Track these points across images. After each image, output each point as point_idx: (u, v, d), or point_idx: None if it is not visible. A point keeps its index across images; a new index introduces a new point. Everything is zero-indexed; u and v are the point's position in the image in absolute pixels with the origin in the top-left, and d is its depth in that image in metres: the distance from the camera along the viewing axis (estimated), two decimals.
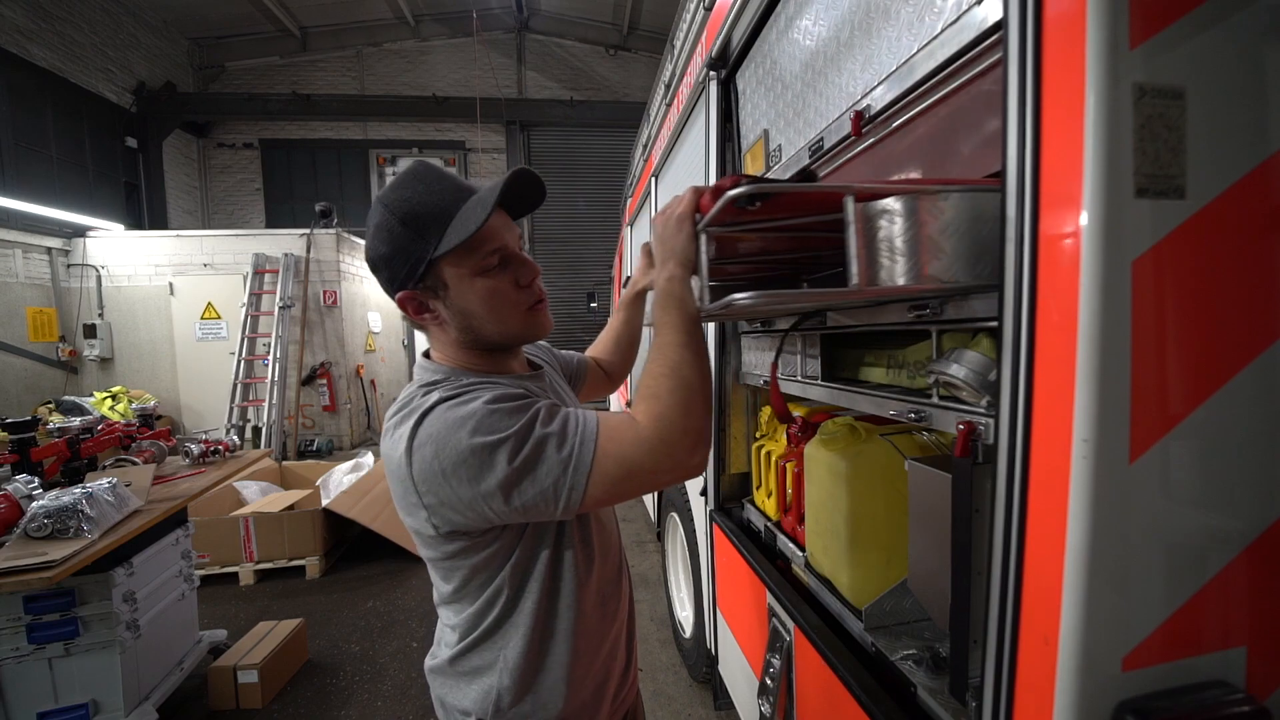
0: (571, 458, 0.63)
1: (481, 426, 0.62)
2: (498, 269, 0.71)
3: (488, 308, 0.71)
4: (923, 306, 0.86)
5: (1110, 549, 0.53)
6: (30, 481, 1.75)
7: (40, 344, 5.88)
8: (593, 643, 0.81)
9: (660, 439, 0.64)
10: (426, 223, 0.68)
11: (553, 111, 8.82)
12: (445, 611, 0.80)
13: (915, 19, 0.87)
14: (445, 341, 0.76)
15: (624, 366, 1.22)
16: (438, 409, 0.65)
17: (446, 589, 0.76)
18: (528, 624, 0.74)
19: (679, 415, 0.66)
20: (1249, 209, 0.56)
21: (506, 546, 0.72)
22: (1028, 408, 0.59)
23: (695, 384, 0.68)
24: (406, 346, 9.20)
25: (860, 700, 0.91)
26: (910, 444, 1.03)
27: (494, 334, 0.74)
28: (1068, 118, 0.54)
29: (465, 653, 0.77)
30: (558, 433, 0.64)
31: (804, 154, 1.25)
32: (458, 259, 0.69)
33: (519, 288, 0.73)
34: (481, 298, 0.71)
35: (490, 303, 0.71)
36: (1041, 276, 0.57)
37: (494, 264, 0.71)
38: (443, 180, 0.70)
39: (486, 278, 0.71)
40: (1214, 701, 0.55)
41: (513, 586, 0.74)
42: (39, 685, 1.75)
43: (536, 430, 0.63)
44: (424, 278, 0.70)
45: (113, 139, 7.00)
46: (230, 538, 3.22)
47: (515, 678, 0.74)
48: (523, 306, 0.74)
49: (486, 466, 0.61)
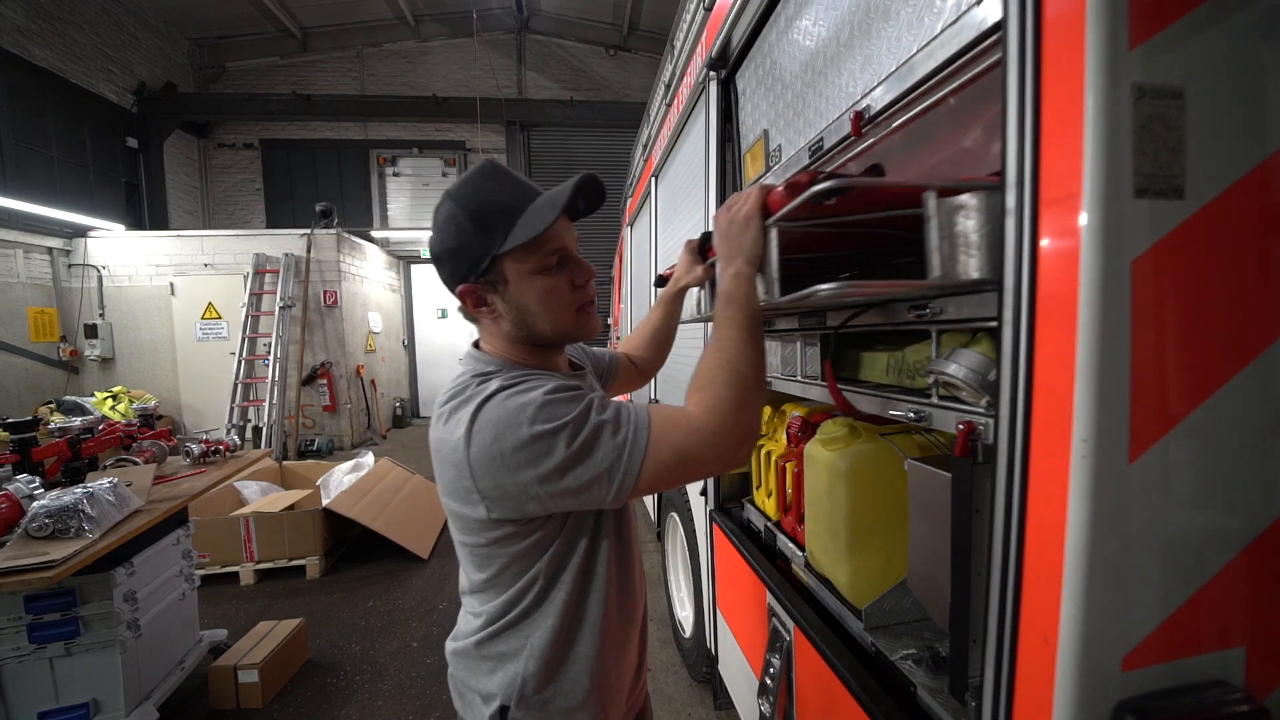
0: (626, 444, 0.65)
1: (541, 414, 0.64)
2: (556, 268, 0.74)
3: (544, 305, 0.74)
4: (923, 306, 0.86)
5: (1110, 549, 0.54)
6: (31, 481, 1.75)
7: (41, 344, 5.88)
8: (616, 638, 0.82)
9: (712, 429, 0.66)
10: (494, 220, 0.70)
11: (553, 111, 8.82)
12: (473, 599, 0.81)
13: (915, 19, 0.87)
14: (497, 335, 0.79)
15: (657, 362, 1.23)
16: (498, 396, 0.67)
17: (479, 576, 0.77)
18: (558, 613, 0.76)
19: (731, 408, 0.68)
20: (1248, 209, 0.56)
21: (548, 536, 0.74)
22: (1027, 408, 0.59)
23: (751, 380, 0.70)
24: (406, 346, 9.20)
25: (860, 700, 0.91)
26: (910, 444, 1.03)
27: (546, 331, 0.76)
28: (1067, 118, 0.54)
29: (491, 638, 0.77)
30: (612, 420, 0.66)
31: (804, 154, 1.25)
32: (520, 256, 0.72)
33: (574, 288, 0.76)
34: (539, 295, 0.73)
35: (546, 300, 0.74)
36: (1041, 276, 0.57)
37: (553, 263, 0.73)
38: (511, 179, 0.73)
39: (545, 276, 0.73)
40: (1213, 701, 0.55)
41: (547, 576, 0.75)
42: (40, 685, 1.75)
43: (592, 418, 0.65)
44: (486, 272, 0.72)
45: (113, 139, 7.00)
46: (230, 538, 3.22)
47: (541, 665, 0.76)
48: (575, 306, 0.77)
49: (545, 452, 0.63)
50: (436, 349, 9.35)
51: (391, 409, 8.32)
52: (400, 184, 9.19)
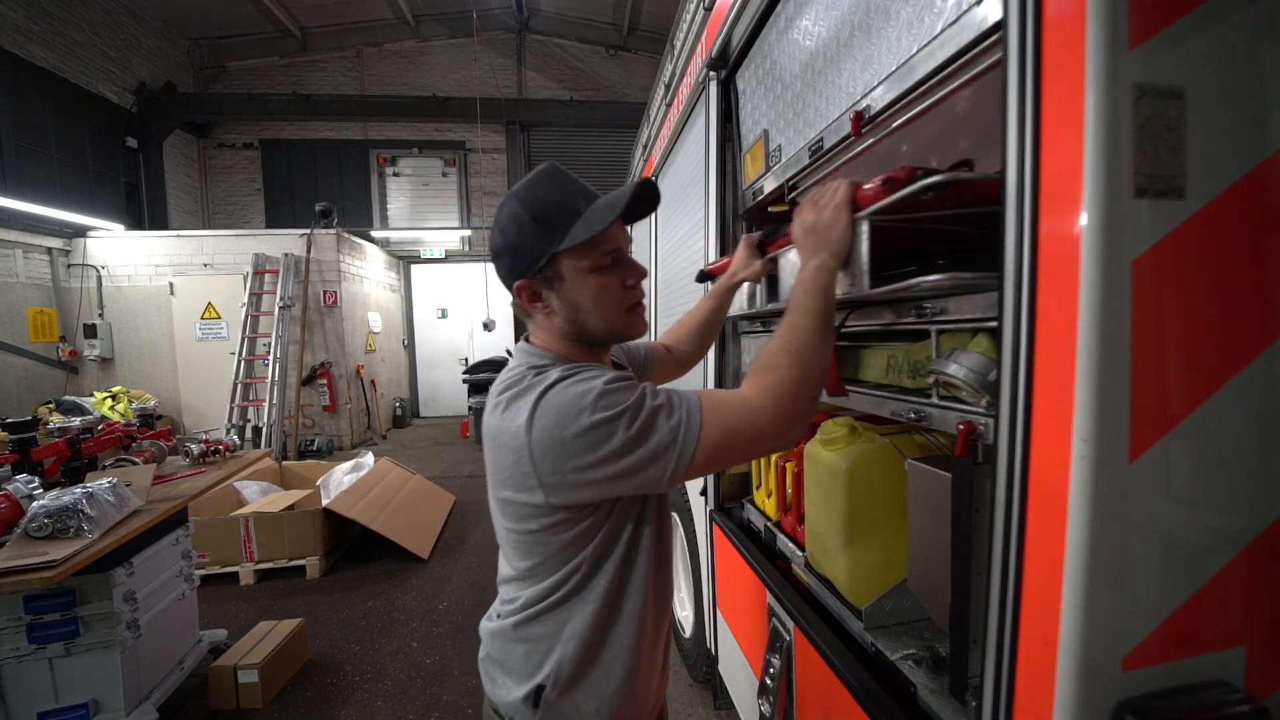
0: (680, 426, 0.67)
1: (600, 402, 0.67)
2: (610, 268, 0.77)
3: (596, 302, 0.77)
4: (923, 306, 0.86)
5: (1110, 549, 0.54)
6: (31, 481, 1.75)
7: (41, 344, 5.88)
8: (651, 631, 0.83)
9: (769, 410, 0.69)
10: (554, 219, 0.74)
11: (553, 111, 8.82)
12: (511, 586, 0.82)
13: (915, 19, 0.87)
14: (549, 330, 0.81)
15: (697, 354, 1.23)
16: (559, 385, 0.70)
17: (524, 564, 0.78)
18: (598, 600, 0.77)
19: (791, 391, 0.70)
20: (1248, 209, 0.56)
21: (596, 524, 0.76)
22: (1027, 408, 0.59)
23: (814, 368, 0.73)
24: (406, 346, 9.20)
25: (860, 700, 0.91)
26: (910, 444, 1.03)
27: (597, 328, 0.79)
28: (1068, 118, 0.54)
29: (529, 620, 0.79)
30: (665, 404, 0.69)
31: (804, 154, 1.25)
32: (577, 255, 0.75)
33: (625, 288, 0.79)
34: (592, 292, 0.76)
35: (599, 298, 0.77)
36: (1041, 276, 0.57)
37: (607, 263, 0.77)
38: (572, 182, 0.77)
39: (599, 275, 0.76)
40: (1213, 701, 0.55)
41: (590, 563, 0.77)
42: (39, 685, 1.75)
43: (648, 403, 0.68)
44: (543, 269, 0.76)
45: (113, 139, 7.00)
46: (230, 538, 3.22)
47: (578, 649, 0.77)
48: (625, 305, 0.79)
49: (605, 438, 0.66)
50: (436, 349, 9.35)
51: (391, 409, 8.32)
52: (400, 184, 9.19)
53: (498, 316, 8.96)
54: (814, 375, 0.72)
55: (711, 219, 1.74)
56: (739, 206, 1.71)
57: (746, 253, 1.19)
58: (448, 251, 9.05)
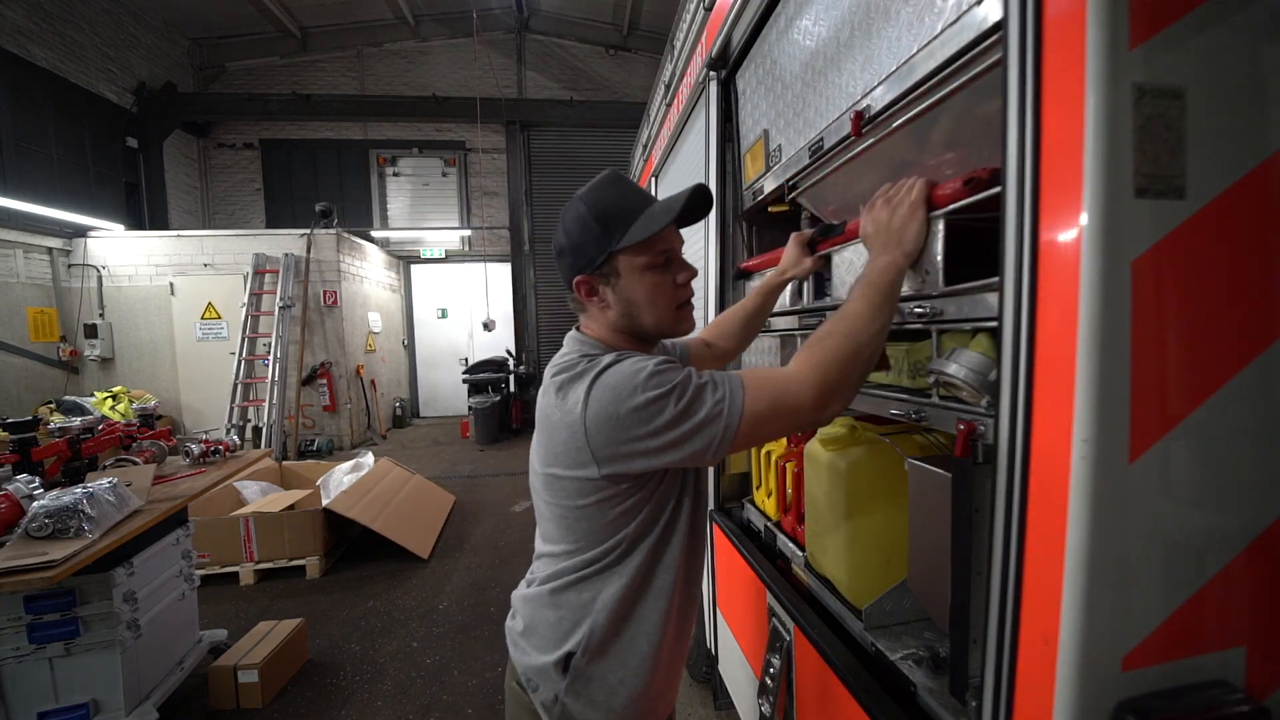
0: (725, 399, 0.72)
1: (651, 381, 0.72)
2: (663, 267, 0.82)
3: (649, 299, 0.82)
4: (923, 306, 0.86)
5: (1110, 549, 0.54)
6: (31, 481, 1.75)
7: (41, 344, 5.87)
8: (679, 612, 0.87)
9: (812, 380, 0.72)
10: (615, 220, 0.79)
11: (553, 111, 8.81)
12: (548, 560, 0.87)
13: (915, 19, 0.87)
14: (603, 323, 0.87)
15: (737, 349, 1.25)
16: (613, 368, 0.75)
17: (565, 539, 0.83)
18: (632, 573, 0.82)
19: (836, 369, 0.72)
20: (1249, 209, 0.56)
21: (640, 502, 0.80)
22: (1028, 408, 0.59)
23: (864, 354, 0.74)
24: (406, 346, 9.20)
25: (860, 700, 0.91)
26: (910, 444, 1.03)
27: (649, 323, 0.84)
28: (1068, 118, 0.54)
29: (565, 588, 0.83)
30: (710, 382, 0.73)
31: (804, 154, 1.25)
32: (634, 253, 0.80)
33: (677, 286, 0.83)
34: (647, 289, 0.82)
35: (653, 294, 0.82)
36: (1041, 276, 0.57)
37: (661, 262, 0.82)
38: (631, 186, 0.83)
39: (654, 272, 0.81)
40: (1213, 701, 0.55)
41: (630, 541, 0.81)
42: (39, 685, 1.75)
43: (694, 381, 0.73)
44: (601, 266, 0.81)
45: (113, 139, 6.99)
46: (230, 538, 3.22)
47: (609, 618, 0.81)
48: (676, 302, 0.84)
49: (657, 413, 0.71)
50: (436, 349, 9.35)
51: (391, 409, 8.32)
52: (400, 184, 9.19)
53: (497, 316, 8.96)
54: (863, 357, 0.74)
55: (712, 219, 1.74)
56: (739, 206, 1.71)
57: (796, 250, 1.20)
58: (448, 251, 9.05)
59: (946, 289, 0.82)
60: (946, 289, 0.82)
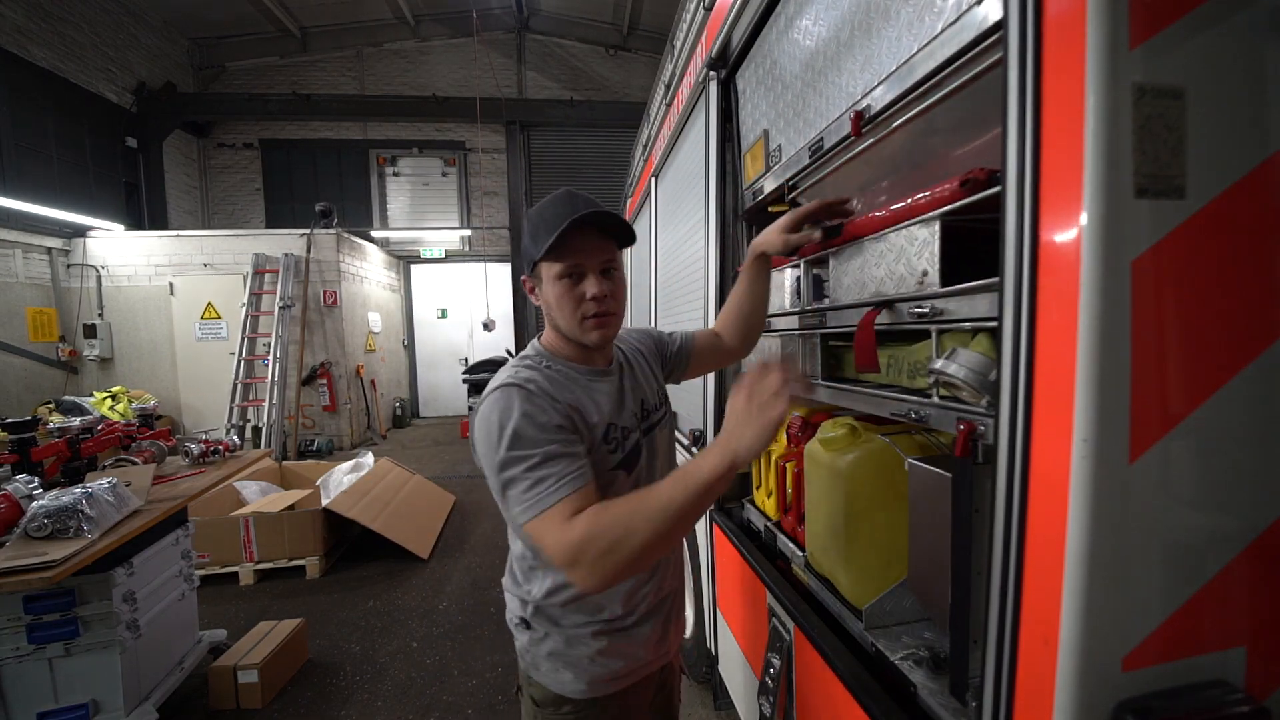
0: (531, 504, 0.77)
1: (504, 443, 0.79)
2: (569, 280, 0.88)
3: (557, 305, 0.89)
4: (923, 306, 0.86)
5: (1110, 549, 0.54)
6: (30, 481, 1.74)
7: (40, 344, 5.87)
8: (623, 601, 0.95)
9: (581, 562, 0.73)
10: (540, 231, 0.86)
11: (553, 111, 8.81)
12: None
13: (915, 19, 0.87)
14: (548, 324, 0.96)
15: (749, 336, 1.23)
16: (490, 397, 0.84)
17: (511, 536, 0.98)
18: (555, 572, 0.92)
19: (615, 568, 0.73)
20: (1249, 209, 0.56)
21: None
22: (1028, 408, 0.59)
23: (649, 550, 0.73)
24: (406, 346, 9.20)
25: (860, 700, 0.91)
26: (910, 444, 1.03)
27: (562, 327, 0.92)
28: (1068, 118, 0.54)
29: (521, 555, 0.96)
30: (533, 480, 0.78)
31: (804, 154, 1.25)
32: (549, 262, 0.88)
33: (585, 299, 0.88)
34: (555, 297, 0.89)
35: (559, 303, 0.89)
36: (1041, 276, 0.57)
37: (568, 274, 0.87)
38: (573, 202, 0.87)
39: (560, 283, 0.88)
40: (1214, 702, 0.55)
41: None
42: (39, 685, 1.75)
43: (525, 469, 0.78)
44: (533, 271, 0.91)
45: (113, 139, 6.99)
46: (230, 538, 3.21)
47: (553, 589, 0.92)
48: (581, 315, 0.89)
49: (490, 468, 0.82)
50: (436, 349, 9.35)
51: (391, 409, 8.32)
52: (400, 184, 9.19)
53: (497, 316, 8.96)
54: (648, 559, 0.74)
55: (711, 219, 1.74)
56: (739, 206, 1.71)
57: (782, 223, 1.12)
58: (447, 251, 9.05)
59: (946, 289, 0.82)
60: (946, 289, 0.82)
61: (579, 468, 0.79)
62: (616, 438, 0.92)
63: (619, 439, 0.92)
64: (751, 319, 1.22)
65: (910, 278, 0.89)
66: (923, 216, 0.86)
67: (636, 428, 0.96)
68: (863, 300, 1.04)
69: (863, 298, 1.04)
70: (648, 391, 1.04)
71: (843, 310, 1.12)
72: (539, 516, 0.76)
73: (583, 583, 0.74)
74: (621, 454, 0.92)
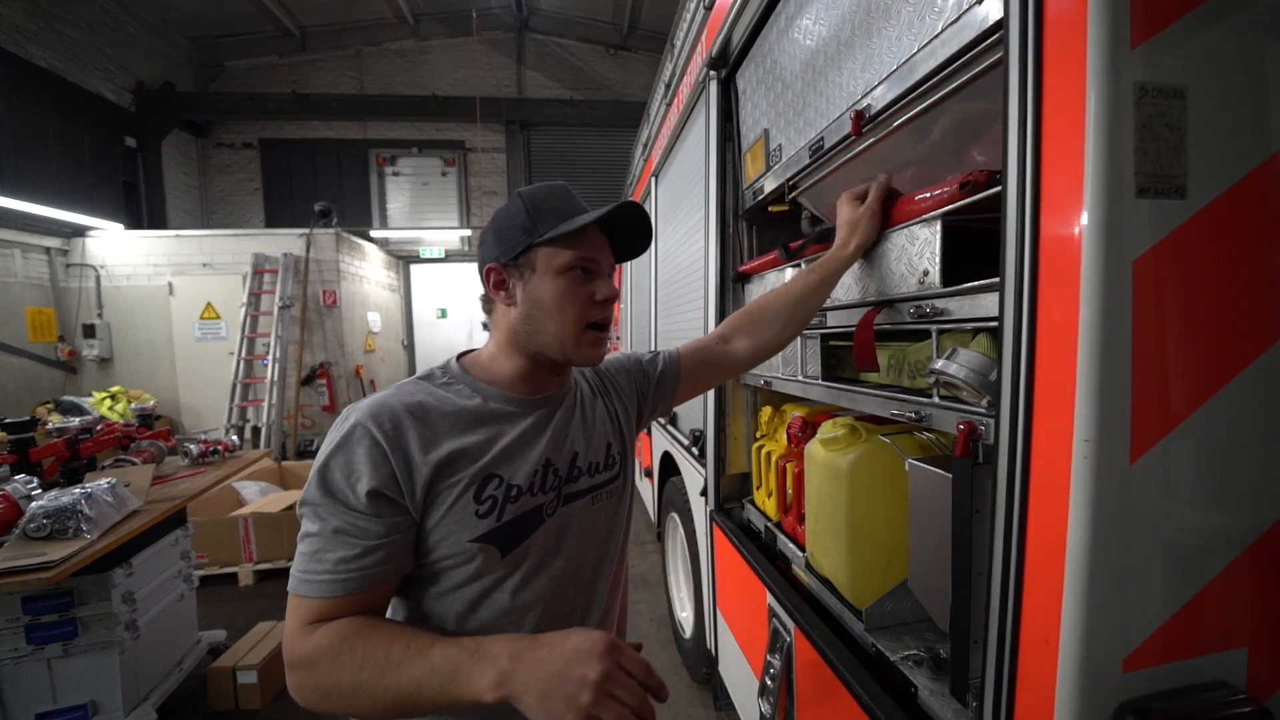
0: (303, 577, 0.64)
1: (323, 479, 0.65)
2: (582, 274, 0.74)
3: (557, 303, 0.73)
4: (923, 306, 0.86)
5: (1111, 549, 0.53)
6: (29, 481, 1.74)
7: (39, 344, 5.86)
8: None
9: (289, 661, 0.62)
10: (545, 213, 0.72)
11: (553, 111, 8.80)
12: None
13: (916, 18, 0.87)
14: (504, 328, 0.77)
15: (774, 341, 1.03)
16: (351, 422, 0.67)
17: None
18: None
19: (310, 693, 0.61)
20: (1250, 209, 0.55)
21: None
22: (1028, 408, 0.59)
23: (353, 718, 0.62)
24: (406, 347, 9.19)
25: (861, 701, 0.90)
26: (910, 444, 1.02)
27: (550, 333, 0.74)
28: (1068, 117, 0.54)
29: None
30: (309, 545, 0.64)
31: (804, 154, 1.25)
32: (554, 250, 0.72)
33: (592, 301, 0.74)
34: (557, 292, 0.73)
35: (561, 300, 0.73)
36: (1042, 276, 0.57)
37: (581, 267, 0.73)
38: (575, 199, 0.76)
39: (570, 277, 0.73)
40: (1215, 702, 0.55)
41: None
42: (38, 686, 1.75)
43: (311, 529, 0.64)
44: (518, 257, 0.73)
45: (111, 139, 6.98)
46: (230, 538, 3.21)
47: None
48: (585, 320, 0.74)
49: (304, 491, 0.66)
50: (436, 349, 9.34)
51: None
52: (400, 183, 9.18)
53: None
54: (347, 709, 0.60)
55: (712, 219, 1.74)
56: (739, 206, 1.71)
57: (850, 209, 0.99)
58: (447, 251, 9.04)
59: (947, 289, 0.81)
60: (947, 289, 0.81)
61: (362, 567, 0.62)
62: (495, 496, 0.69)
63: (499, 499, 0.69)
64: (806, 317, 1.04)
65: (911, 277, 0.89)
66: (924, 216, 0.86)
67: (546, 490, 0.74)
68: (862, 300, 1.04)
69: (862, 297, 1.04)
70: (595, 443, 0.82)
71: (843, 310, 1.11)
72: (295, 596, 0.63)
73: (292, 693, 0.62)
74: (495, 521, 0.68)
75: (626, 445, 0.88)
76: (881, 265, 0.98)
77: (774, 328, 1.02)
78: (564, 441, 0.78)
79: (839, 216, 1.03)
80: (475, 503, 0.68)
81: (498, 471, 0.70)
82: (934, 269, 0.83)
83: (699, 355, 1.00)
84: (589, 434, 0.82)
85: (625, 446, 0.88)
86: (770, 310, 1.02)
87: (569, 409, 0.81)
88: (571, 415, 0.81)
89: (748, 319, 1.03)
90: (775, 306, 1.02)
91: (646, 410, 0.96)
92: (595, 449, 0.82)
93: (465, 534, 0.67)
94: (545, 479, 0.74)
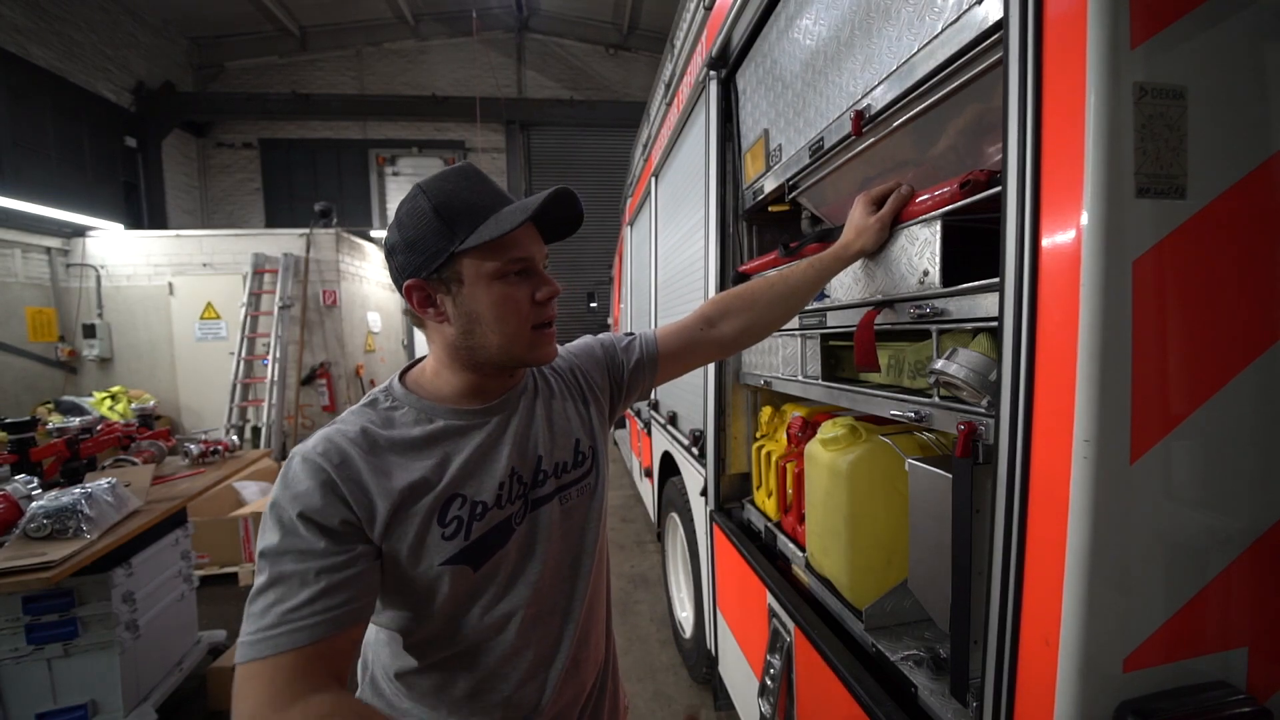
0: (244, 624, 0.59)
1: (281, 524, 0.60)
2: (517, 277, 0.68)
3: (497, 314, 0.67)
4: (923, 306, 0.86)
5: (1111, 550, 0.53)
6: (29, 481, 1.74)
7: (39, 344, 5.86)
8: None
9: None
10: (459, 216, 0.65)
11: (553, 111, 8.81)
12: None
13: (915, 18, 0.87)
14: (441, 345, 0.71)
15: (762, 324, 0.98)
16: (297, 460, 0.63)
17: None
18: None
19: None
20: (1250, 209, 0.55)
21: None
22: (1028, 408, 0.59)
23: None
24: (406, 347, 9.19)
25: (861, 701, 0.90)
26: (910, 444, 1.03)
27: (494, 344, 0.69)
28: (1068, 117, 0.54)
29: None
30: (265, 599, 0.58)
31: (804, 154, 1.25)
32: (480, 258, 0.66)
33: (534, 303, 0.69)
34: (494, 302, 0.67)
35: (500, 310, 0.67)
36: (1042, 276, 0.57)
37: (514, 270, 0.67)
38: (487, 184, 0.69)
39: (504, 283, 0.67)
40: (1215, 702, 0.55)
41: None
42: (38, 686, 1.74)
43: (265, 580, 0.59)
44: (440, 270, 0.66)
45: (112, 139, 6.98)
46: (230, 538, 3.21)
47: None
48: (531, 322, 0.69)
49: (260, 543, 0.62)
50: None
51: None
52: (400, 183, 9.18)
53: None
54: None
55: (712, 219, 1.74)
56: (739, 206, 1.71)
57: (864, 211, 0.96)
58: None
59: (947, 289, 0.82)
60: (947, 289, 0.82)
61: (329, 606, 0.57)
62: (460, 516, 0.66)
63: (464, 518, 0.67)
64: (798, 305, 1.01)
65: (911, 277, 0.89)
66: (924, 216, 0.86)
67: (514, 500, 0.71)
68: (863, 300, 1.04)
69: (863, 297, 1.04)
70: (560, 442, 0.78)
71: (843, 310, 1.11)
72: (254, 662, 0.55)
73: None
74: (464, 540, 0.66)
75: (598, 439, 0.84)
76: (881, 265, 0.98)
77: (764, 315, 0.98)
78: (526, 445, 0.75)
79: (851, 216, 1.00)
80: (440, 526, 0.65)
81: (460, 491, 0.67)
82: (934, 269, 0.83)
83: (679, 338, 0.94)
84: (553, 434, 0.78)
85: (596, 440, 0.84)
86: (763, 298, 0.98)
87: (528, 408, 0.77)
88: (532, 415, 0.77)
89: (739, 302, 0.98)
90: (768, 295, 0.98)
91: (620, 398, 0.91)
92: (561, 448, 0.78)
93: (435, 558, 0.65)
94: (511, 489, 0.71)
